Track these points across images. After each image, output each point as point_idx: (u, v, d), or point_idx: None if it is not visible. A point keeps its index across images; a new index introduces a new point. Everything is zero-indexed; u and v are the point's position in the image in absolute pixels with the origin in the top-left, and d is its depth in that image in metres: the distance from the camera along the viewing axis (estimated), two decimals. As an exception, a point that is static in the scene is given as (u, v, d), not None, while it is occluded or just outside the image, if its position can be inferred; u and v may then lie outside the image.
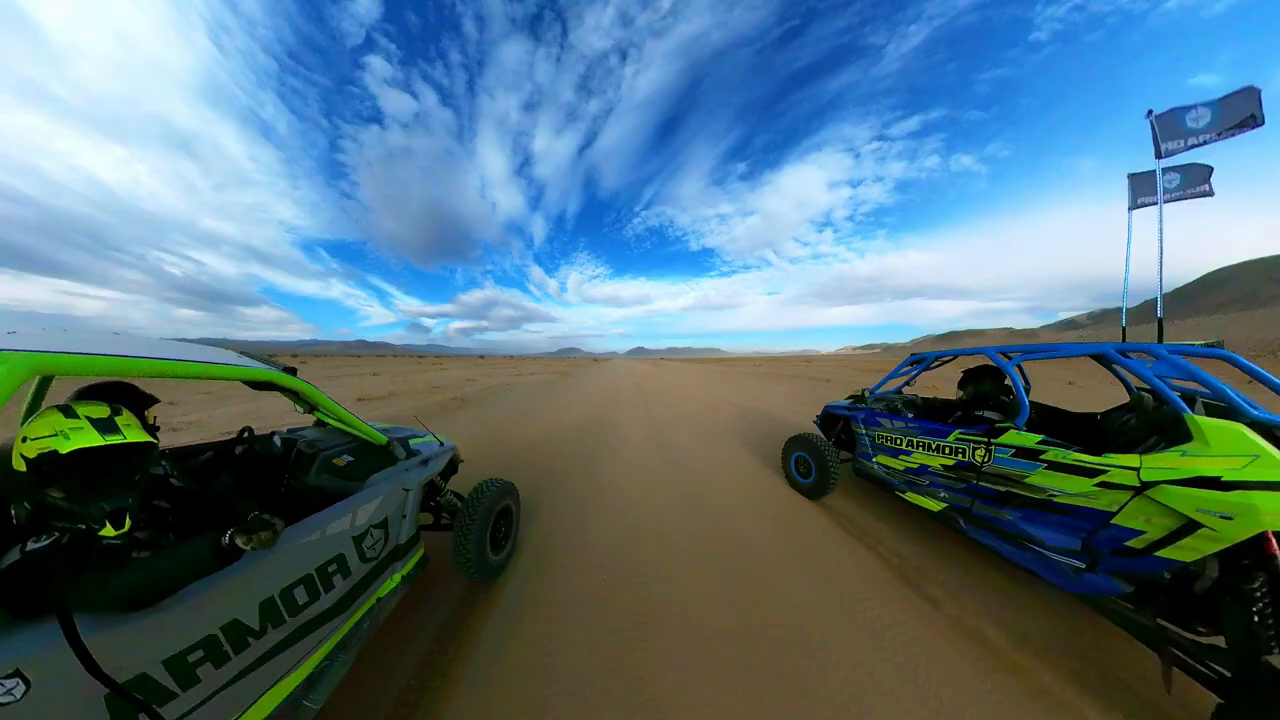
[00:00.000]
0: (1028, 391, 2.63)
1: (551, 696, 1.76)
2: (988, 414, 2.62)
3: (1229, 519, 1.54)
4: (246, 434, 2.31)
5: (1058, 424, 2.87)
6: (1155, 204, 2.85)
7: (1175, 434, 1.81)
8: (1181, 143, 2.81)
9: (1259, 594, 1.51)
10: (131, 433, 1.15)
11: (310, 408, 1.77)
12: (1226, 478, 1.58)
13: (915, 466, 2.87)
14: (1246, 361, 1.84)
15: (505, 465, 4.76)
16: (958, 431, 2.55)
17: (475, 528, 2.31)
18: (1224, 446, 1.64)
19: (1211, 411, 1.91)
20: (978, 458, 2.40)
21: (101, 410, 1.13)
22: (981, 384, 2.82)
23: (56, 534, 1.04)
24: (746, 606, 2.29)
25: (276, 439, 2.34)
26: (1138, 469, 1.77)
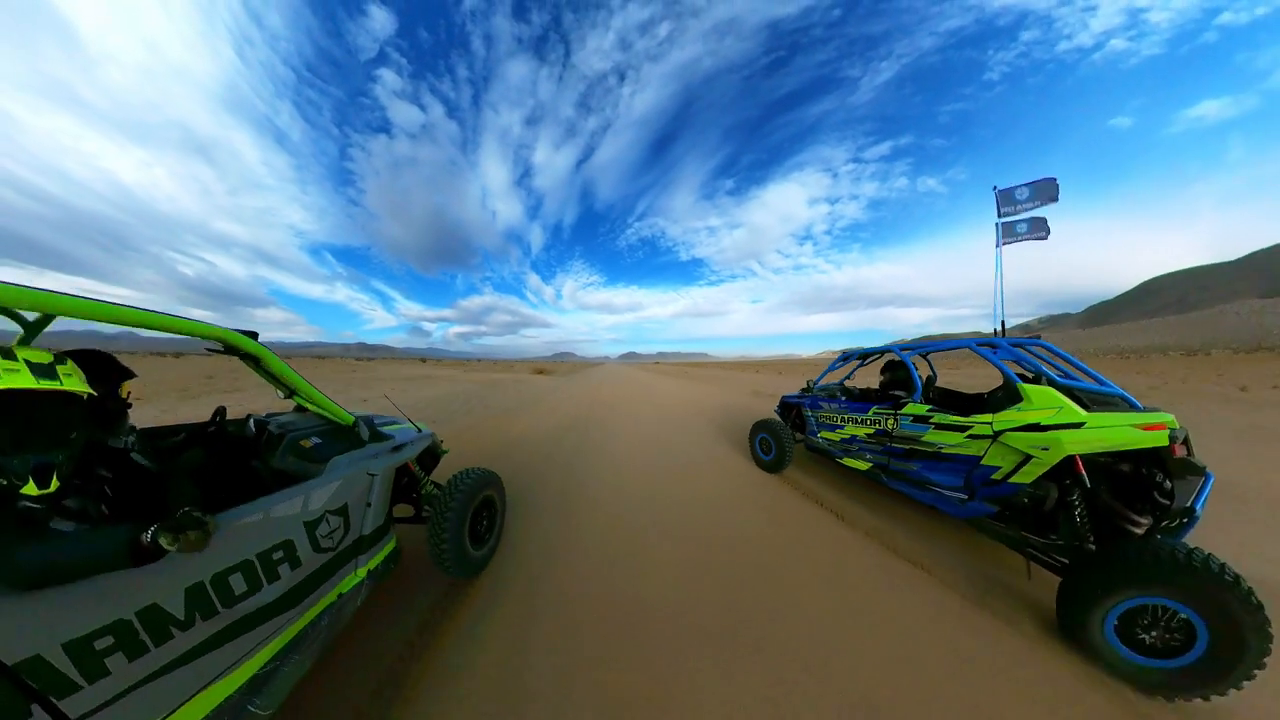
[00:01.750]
0: (935, 378, 3.42)
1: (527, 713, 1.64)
2: (898, 393, 3.30)
3: (1046, 449, 2.18)
4: (219, 416, 2.21)
5: (957, 402, 3.56)
6: (1015, 243, 4.27)
7: (1014, 397, 2.49)
8: (1013, 209, 4.21)
9: (1076, 504, 2.15)
10: (70, 382, 1.07)
11: (279, 384, 1.66)
12: (1043, 422, 2.24)
13: (848, 437, 3.57)
14: (1057, 348, 2.63)
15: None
16: (875, 407, 3.25)
17: (452, 519, 2.16)
18: (1041, 402, 2.30)
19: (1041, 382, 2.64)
20: (889, 425, 3.07)
21: (44, 356, 1.06)
22: (896, 372, 3.53)
23: None
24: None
25: (251, 422, 2.22)
26: (991, 423, 2.44)
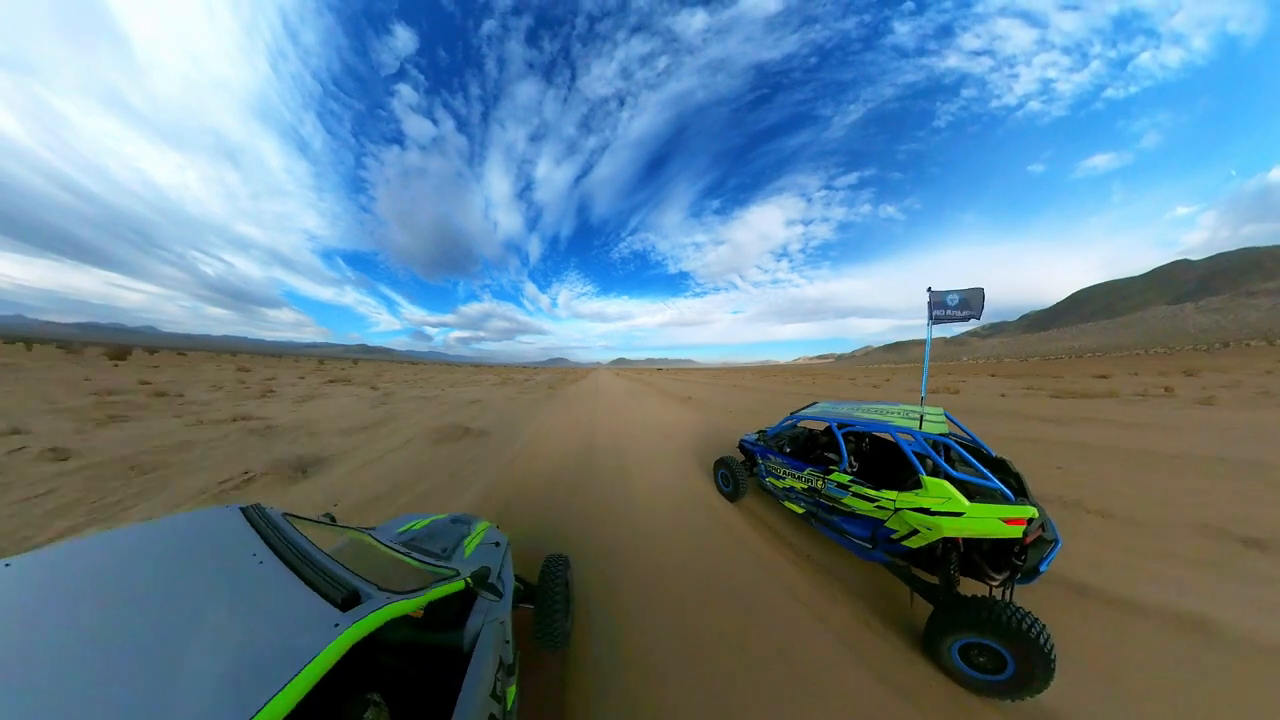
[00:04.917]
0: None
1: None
2: (830, 456, 3.79)
3: (930, 529, 2.75)
4: None
5: (886, 462, 4.11)
6: (944, 323, 4.51)
7: (917, 484, 2.97)
8: (943, 311, 4.47)
9: (952, 559, 2.78)
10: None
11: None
12: (933, 508, 2.76)
13: (787, 487, 4.13)
14: (958, 444, 3.08)
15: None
16: (809, 469, 3.76)
17: (559, 606, 2.54)
18: (935, 492, 2.80)
19: (945, 464, 3.10)
20: (819, 485, 3.61)
21: None
22: (831, 438, 3.96)
23: None
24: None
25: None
26: (895, 500, 2.96)
